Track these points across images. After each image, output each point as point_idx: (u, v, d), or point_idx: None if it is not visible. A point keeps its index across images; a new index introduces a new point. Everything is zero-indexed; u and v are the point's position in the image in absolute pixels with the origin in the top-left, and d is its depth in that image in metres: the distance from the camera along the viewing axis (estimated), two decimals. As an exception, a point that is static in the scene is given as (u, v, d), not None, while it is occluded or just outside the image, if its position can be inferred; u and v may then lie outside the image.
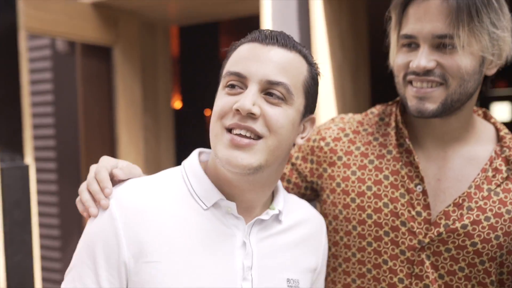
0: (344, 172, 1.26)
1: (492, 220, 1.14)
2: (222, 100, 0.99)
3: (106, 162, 1.07)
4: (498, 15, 1.11)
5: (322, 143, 1.30)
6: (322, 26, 2.14)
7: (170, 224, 0.97)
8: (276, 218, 1.09)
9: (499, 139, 1.23)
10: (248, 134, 0.96)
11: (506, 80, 8.78)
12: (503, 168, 1.18)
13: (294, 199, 1.20)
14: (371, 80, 2.70)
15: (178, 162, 3.54)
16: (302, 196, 1.32)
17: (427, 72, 1.11)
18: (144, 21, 3.08)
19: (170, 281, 0.94)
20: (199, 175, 1.03)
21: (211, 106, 1.01)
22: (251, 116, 0.95)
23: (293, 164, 1.34)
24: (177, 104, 4.05)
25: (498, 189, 1.17)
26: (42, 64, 3.07)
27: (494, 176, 1.17)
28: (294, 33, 2.27)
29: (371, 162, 1.24)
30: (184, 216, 0.99)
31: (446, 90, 1.12)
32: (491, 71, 1.17)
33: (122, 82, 2.89)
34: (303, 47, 1.03)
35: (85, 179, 1.08)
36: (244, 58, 0.99)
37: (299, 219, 1.15)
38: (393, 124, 1.26)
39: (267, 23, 2.25)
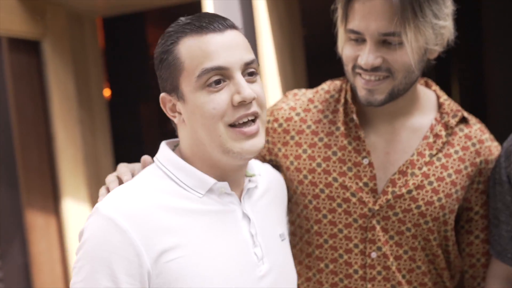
0: (296, 150, 1.32)
1: (435, 184, 1.25)
2: (213, 100, 0.98)
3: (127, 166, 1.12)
4: (439, 5, 1.15)
5: (276, 124, 1.36)
6: (264, 10, 2.21)
7: (176, 219, 0.98)
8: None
9: (439, 106, 1.33)
10: (252, 119, 1.01)
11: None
12: (443, 133, 1.28)
13: (257, 163, 1.26)
14: (306, 60, 2.82)
15: (116, 155, 3.47)
16: None
17: (374, 67, 1.17)
18: (71, 13, 2.97)
19: (197, 270, 0.97)
20: (184, 167, 1.04)
21: (141, 97, 1.01)
22: (250, 102, 1.01)
23: None
24: (108, 95, 3.95)
25: (440, 155, 1.27)
26: (-35, 62, 2.87)
27: (435, 141, 1.28)
28: (237, 17, 2.31)
29: (320, 139, 1.31)
30: (184, 208, 1.00)
31: (392, 81, 1.19)
32: (433, 55, 1.25)
33: (54, 76, 2.78)
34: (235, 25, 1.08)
35: (22, 177, 1.07)
36: (212, 51, 0.98)
37: (269, 183, 1.22)
38: (342, 100, 1.33)
39: (209, 9, 2.27)
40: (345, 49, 1.23)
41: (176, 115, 1.05)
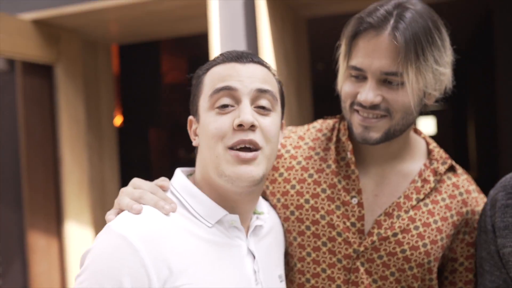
0: (284, 187, 1.31)
1: (421, 229, 1.23)
2: (217, 121, 1.01)
3: (145, 182, 1.08)
4: (441, 52, 1.17)
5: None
6: (268, 44, 2.23)
7: (186, 246, 0.98)
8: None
9: (428, 152, 1.33)
10: (251, 147, 1.01)
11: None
12: (431, 178, 1.27)
13: (267, 203, 1.27)
14: (313, 97, 2.82)
15: (122, 180, 3.50)
16: None
17: (373, 106, 1.17)
18: (85, 39, 3.05)
19: None
20: (197, 195, 1.05)
21: (151, 124, 1.03)
22: (252, 129, 1.01)
23: None
24: (119, 122, 4.00)
25: (427, 200, 1.26)
26: (-20, 83, 2.96)
27: (422, 186, 1.26)
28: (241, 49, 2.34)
29: (310, 176, 1.30)
30: (195, 237, 1.00)
31: (390, 121, 1.19)
32: (431, 100, 1.25)
33: (65, 100, 2.84)
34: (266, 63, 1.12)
35: (27, 199, 1.04)
36: (228, 75, 1.03)
37: (272, 224, 1.23)
38: (334, 139, 1.32)
39: (215, 41, 2.31)
40: (345, 86, 1.23)
41: (195, 138, 1.09)
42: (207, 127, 1.02)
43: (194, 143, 1.09)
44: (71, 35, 2.89)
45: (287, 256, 1.31)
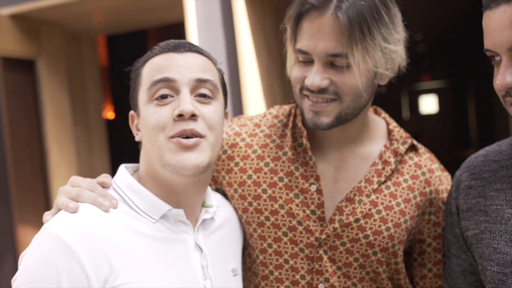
0: (241, 177, 1.27)
1: (383, 213, 1.19)
2: (157, 113, 0.99)
3: (84, 179, 1.04)
4: (390, 29, 1.12)
5: (220, 152, 1.31)
6: (246, 30, 2.18)
7: (127, 243, 0.95)
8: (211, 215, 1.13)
9: (389, 133, 1.28)
10: (192, 136, 0.99)
11: (431, 73, 9.23)
12: (392, 160, 1.23)
13: (217, 196, 1.24)
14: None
15: (113, 173, 3.49)
16: None
17: (321, 89, 1.13)
18: (68, 32, 3.02)
19: None
20: (138, 190, 1.02)
21: None
22: (193, 118, 0.99)
23: None
24: (110, 114, 3.97)
25: (389, 183, 1.22)
26: (-39, 81, 2.94)
27: (383, 168, 1.22)
28: (219, 38, 2.30)
29: (266, 164, 1.26)
30: (137, 233, 0.98)
31: (340, 105, 1.15)
32: (384, 80, 1.20)
33: (49, 94, 2.82)
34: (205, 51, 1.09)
35: (15, 196, 1.02)
36: (166, 66, 1.00)
37: (226, 217, 1.20)
38: (290, 125, 1.28)
39: (192, 29, 2.26)
40: (294, 70, 1.18)
41: (138, 133, 1.06)
42: (147, 119, 1.00)
43: (136, 138, 1.07)
44: (52, 28, 2.85)
45: (248, 248, 1.29)
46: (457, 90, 7.93)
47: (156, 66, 1.01)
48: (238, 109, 2.30)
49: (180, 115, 0.97)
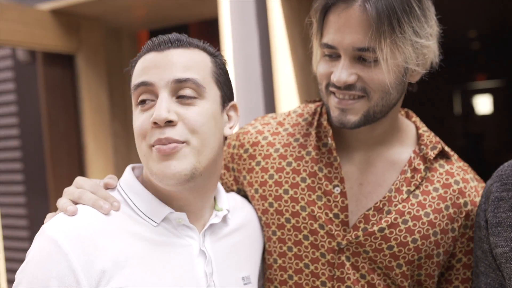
0: (262, 176, 1.22)
1: (410, 223, 1.11)
2: (139, 119, 0.96)
3: (88, 180, 1.03)
4: (421, 23, 1.06)
5: (241, 150, 1.26)
6: (281, 25, 2.11)
7: (123, 246, 0.92)
8: (224, 219, 1.07)
9: (418, 137, 1.20)
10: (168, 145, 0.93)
11: (486, 73, 8.84)
12: (422, 167, 1.15)
13: (236, 198, 1.18)
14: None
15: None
16: None
17: (348, 86, 1.07)
18: (108, 27, 3.04)
19: None
20: (140, 192, 0.99)
21: None
22: (170, 124, 0.93)
23: None
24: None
25: (417, 191, 1.14)
26: (4, 75, 3.01)
27: (413, 177, 1.15)
28: (253, 33, 2.24)
29: (289, 164, 1.20)
30: (135, 237, 0.95)
31: (368, 102, 1.09)
32: (415, 78, 1.13)
33: (87, 89, 2.85)
34: (200, 41, 1.02)
35: (53, 189, 1.02)
36: (145, 68, 0.96)
37: (242, 221, 1.14)
38: (315, 123, 1.22)
39: (226, 24, 2.22)
40: (320, 66, 1.13)
41: None
42: (134, 125, 0.97)
43: None
44: (92, 23, 2.87)
45: (264, 253, 1.22)
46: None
47: (138, 69, 0.98)
48: (271, 106, 2.24)
49: (156, 123, 0.92)
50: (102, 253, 0.89)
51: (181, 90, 0.95)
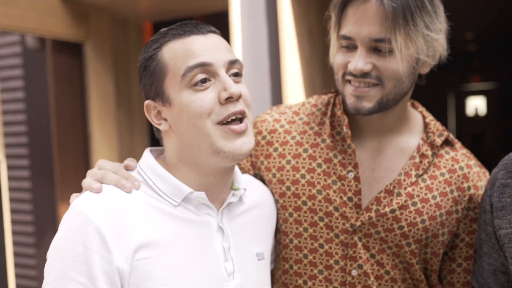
0: (280, 162, 1.30)
1: (419, 205, 1.21)
2: (200, 99, 0.98)
3: (109, 162, 1.09)
4: (432, 18, 1.16)
5: (259, 137, 1.34)
6: (290, 21, 2.17)
7: (149, 220, 0.98)
8: (240, 198, 1.14)
9: (425, 126, 1.31)
10: (240, 117, 1.01)
11: (480, 74, 8.94)
12: (429, 152, 1.25)
13: (250, 179, 1.25)
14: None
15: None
16: None
17: (364, 74, 1.16)
18: (115, 17, 3.08)
19: (162, 275, 0.96)
20: (161, 173, 1.03)
21: None
22: (238, 99, 1.01)
23: None
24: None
25: (425, 176, 1.24)
26: (13, 61, 3.05)
27: (421, 161, 1.24)
28: (262, 27, 2.30)
29: (305, 150, 1.29)
30: (159, 211, 1.01)
31: (382, 90, 1.18)
32: (425, 70, 1.23)
33: (94, 78, 2.89)
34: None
35: (58, 175, 1.08)
36: (198, 49, 0.99)
37: (256, 201, 1.21)
38: (329, 113, 1.31)
39: (235, 18, 2.27)
40: (337, 57, 1.22)
41: (161, 122, 1.05)
42: (189, 107, 0.99)
43: (161, 128, 1.05)
44: (100, 13, 2.92)
45: (279, 233, 1.29)
46: (507, 91, 7.66)
47: (183, 51, 1.00)
48: (278, 99, 2.30)
49: (228, 98, 0.99)
50: (130, 226, 0.95)
51: (231, 70, 1.03)
